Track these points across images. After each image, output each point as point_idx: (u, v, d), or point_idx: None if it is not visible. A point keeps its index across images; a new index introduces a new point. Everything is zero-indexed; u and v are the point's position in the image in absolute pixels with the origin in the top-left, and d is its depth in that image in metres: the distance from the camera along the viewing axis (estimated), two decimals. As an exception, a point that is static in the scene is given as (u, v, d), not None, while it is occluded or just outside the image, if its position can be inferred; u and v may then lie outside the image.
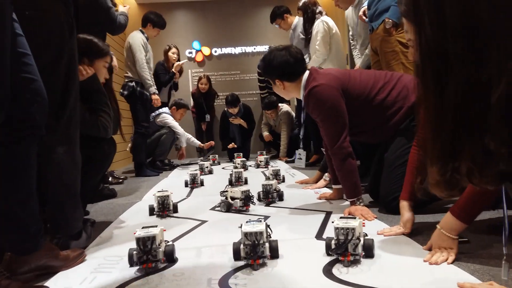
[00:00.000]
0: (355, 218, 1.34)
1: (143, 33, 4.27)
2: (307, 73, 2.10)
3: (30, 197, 1.27)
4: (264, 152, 4.91)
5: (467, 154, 0.74)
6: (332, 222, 1.36)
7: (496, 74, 0.69)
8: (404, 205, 1.60)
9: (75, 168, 1.55)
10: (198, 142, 5.42)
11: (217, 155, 5.08)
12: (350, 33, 3.85)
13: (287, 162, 4.85)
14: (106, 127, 2.00)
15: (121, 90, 4.22)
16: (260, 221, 1.39)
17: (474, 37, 0.71)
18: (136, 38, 4.17)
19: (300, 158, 2.82)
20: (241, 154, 4.64)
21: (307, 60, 4.35)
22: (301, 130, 2.54)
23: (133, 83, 4.13)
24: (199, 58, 7.01)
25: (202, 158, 5.61)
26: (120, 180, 3.86)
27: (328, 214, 2.02)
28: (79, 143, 1.60)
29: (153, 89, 4.18)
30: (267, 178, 3.11)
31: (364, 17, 3.03)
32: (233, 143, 5.51)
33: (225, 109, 5.46)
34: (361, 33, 3.44)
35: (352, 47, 3.88)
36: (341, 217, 1.36)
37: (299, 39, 4.55)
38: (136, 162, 4.36)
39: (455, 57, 0.72)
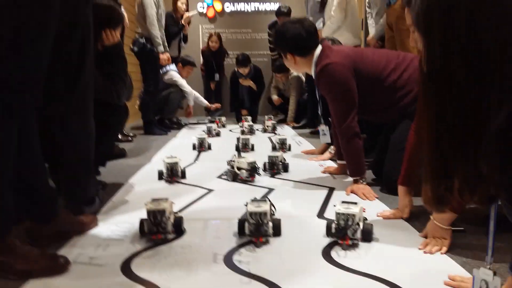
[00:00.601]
0: (356, 203, 1.40)
1: None
2: (319, 48, 2.08)
3: (40, 166, 1.33)
4: (272, 117, 4.93)
5: (460, 174, 0.78)
6: (334, 205, 1.42)
7: (497, 103, 0.71)
8: (401, 190, 1.64)
9: (88, 138, 1.60)
10: (205, 102, 5.43)
11: (223, 118, 5.08)
12: (367, 0, 3.75)
13: (294, 127, 4.89)
14: (120, 94, 2.03)
15: (131, 46, 4.19)
16: (265, 200, 1.46)
17: (480, 64, 0.72)
18: None
19: (325, 134, 2.85)
20: (249, 118, 4.67)
21: (320, 25, 4.26)
22: (319, 107, 2.57)
23: (143, 40, 4.09)
24: (211, 13, 6.86)
25: (210, 117, 5.67)
26: (130, 138, 3.94)
27: (331, 190, 2.08)
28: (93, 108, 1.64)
29: (162, 47, 4.13)
30: (274, 147, 3.17)
31: None
32: (246, 109, 5.50)
33: (235, 69, 5.41)
34: (377, 2, 3.35)
35: (367, 15, 3.79)
36: (342, 202, 1.42)
37: (314, 2, 4.43)
38: (145, 120, 4.41)
39: (458, 81, 0.74)
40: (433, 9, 0.78)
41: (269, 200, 1.47)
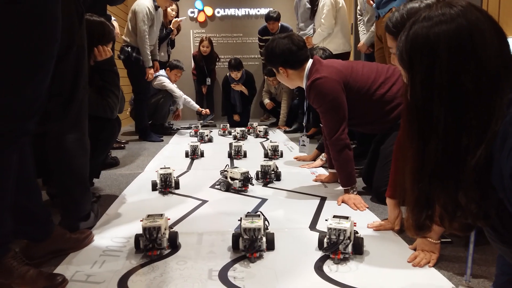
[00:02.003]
0: (347, 218, 1.44)
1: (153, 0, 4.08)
2: (310, 61, 2.12)
3: (34, 188, 1.35)
4: (258, 122, 4.95)
5: (441, 203, 0.83)
6: (326, 220, 1.46)
7: (475, 142, 0.76)
8: (390, 202, 1.68)
9: (84, 155, 1.62)
10: (196, 106, 5.46)
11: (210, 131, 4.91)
12: (358, 7, 3.80)
13: (285, 131, 4.93)
14: (113, 108, 2.05)
15: (118, 54, 4.18)
16: (259, 215, 1.49)
17: (458, 105, 0.77)
18: (142, 6, 3.97)
19: (304, 145, 2.92)
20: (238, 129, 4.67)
21: (311, 32, 4.31)
22: (305, 118, 2.62)
23: (129, 48, 4.09)
24: (201, 18, 6.87)
25: (201, 122, 5.68)
26: (122, 146, 3.94)
27: (323, 200, 2.12)
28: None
29: (150, 63, 4.11)
30: (266, 154, 3.20)
31: (371, 1, 2.99)
32: (237, 114, 5.52)
33: (227, 74, 5.44)
34: (369, 10, 3.40)
35: (359, 22, 3.84)
36: (334, 216, 1.46)
37: (305, 9, 4.48)
38: (140, 127, 4.40)
39: (438, 119, 0.79)
40: (415, 51, 0.83)
41: (263, 215, 1.50)
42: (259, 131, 4.47)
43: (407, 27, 0.86)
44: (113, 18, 3.54)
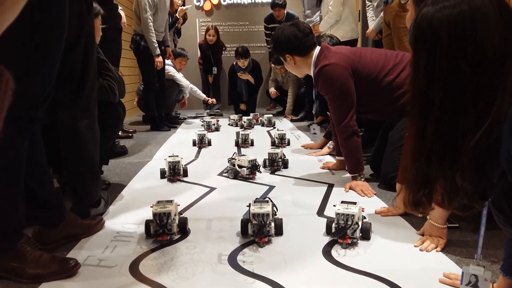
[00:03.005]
0: (355, 203, 1.45)
1: None
2: (317, 49, 2.11)
3: (46, 174, 1.37)
4: (264, 112, 4.92)
5: (440, 184, 0.85)
6: (334, 205, 1.47)
7: (472, 126, 0.77)
8: (399, 187, 1.68)
9: (94, 142, 1.63)
10: (203, 95, 5.47)
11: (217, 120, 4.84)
12: (367, -6, 3.76)
13: (292, 120, 4.92)
14: (113, 89, 2.05)
15: (130, 44, 4.20)
16: (267, 201, 1.50)
17: (457, 89, 0.79)
18: None
19: (315, 133, 2.94)
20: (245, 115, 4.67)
21: (317, 19, 4.28)
22: (314, 106, 2.63)
23: (138, 37, 4.09)
24: (207, 7, 6.83)
25: (208, 111, 5.70)
26: (130, 135, 3.97)
27: (330, 187, 2.13)
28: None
29: (157, 51, 4.08)
30: (273, 143, 3.21)
31: None
32: (243, 103, 5.51)
33: (234, 62, 5.42)
34: (378, -5, 3.37)
35: (367, 8, 3.80)
36: (342, 202, 1.47)
37: (312, -4, 4.44)
38: (150, 117, 4.41)
39: (436, 102, 0.80)
40: (419, 35, 0.84)
41: (271, 201, 1.51)
42: (264, 120, 4.46)
43: (417, 10, 0.87)
44: (120, 7, 3.53)
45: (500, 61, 0.79)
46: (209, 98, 5.52)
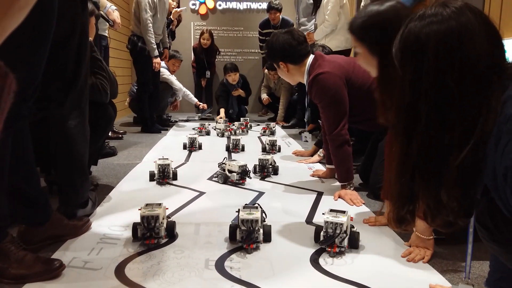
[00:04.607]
0: (344, 212, 1.45)
1: None
2: (311, 57, 2.13)
3: (32, 172, 1.35)
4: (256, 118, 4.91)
5: (423, 201, 0.85)
6: (323, 213, 1.47)
7: (458, 143, 0.78)
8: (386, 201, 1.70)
9: (84, 141, 1.62)
10: (195, 100, 5.45)
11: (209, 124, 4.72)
12: (362, 3, 3.79)
13: (283, 127, 4.94)
14: (106, 89, 2.04)
15: (127, 44, 4.18)
16: (256, 207, 1.50)
17: (443, 105, 0.79)
18: None
19: (307, 141, 2.96)
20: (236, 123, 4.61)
21: (312, 27, 4.31)
22: (306, 114, 2.66)
23: (135, 38, 4.08)
24: (203, 10, 6.84)
25: (199, 115, 5.69)
26: (120, 136, 3.94)
27: (320, 195, 2.13)
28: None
29: (156, 52, 4.08)
30: (264, 149, 3.21)
31: None
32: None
33: (223, 80, 5.40)
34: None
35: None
36: (331, 210, 1.47)
37: (307, 4, 4.47)
38: (141, 118, 4.38)
39: (422, 118, 0.81)
40: (406, 50, 0.85)
41: (260, 207, 1.51)
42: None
43: (404, 25, 0.87)
44: (114, 7, 3.52)
45: (486, 77, 0.79)
46: (200, 103, 5.51)
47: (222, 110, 5.19)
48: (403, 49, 0.86)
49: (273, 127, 4.12)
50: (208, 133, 4.16)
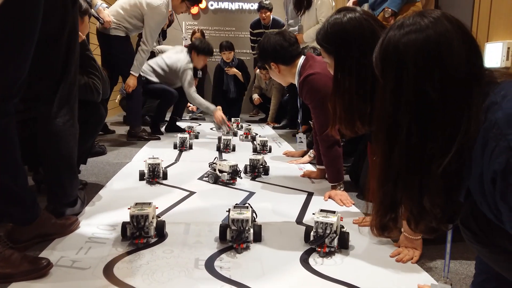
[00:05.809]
0: (334, 212, 1.46)
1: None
2: (302, 58, 2.14)
3: (19, 170, 1.33)
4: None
5: (406, 207, 0.86)
6: (313, 214, 1.48)
7: (440, 150, 0.78)
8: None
9: (73, 139, 1.59)
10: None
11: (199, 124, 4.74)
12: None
13: (274, 127, 4.94)
14: (98, 88, 2.02)
15: None
16: (247, 206, 1.50)
17: (424, 113, 0.80)
18: (159, 15, 3.47)
19: (301, 142, 2.97)
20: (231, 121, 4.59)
21: (295, 28, 4.32)
22: (299, 115, 2.68)
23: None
24: (194, 10, 6.82)
25: (190, 115, 5.67)
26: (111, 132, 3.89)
27: (310, 195, 2.14)
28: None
29: (137, 71, 3.63)
30: (254, 149, 3.21)
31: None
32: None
33: (219, 61, 5.46)
34: (366, 8, 3.43)
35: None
36: (321, 210, 1.48)
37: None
38: (155, 122, 4.25)
39: (403, 126, 0.82)
40: (386, 60, 0.85)
41: (251, 207, 1.51)
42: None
43: (383, 34, 0.88)
44: (105, 5, 3.49)
45: (466, 85, 0.80)
46: (190, 104, 5.48)
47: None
48: (383, 59, 0.86)
49: (255, 134, 4.04)
50: (196, 137, 4.00)
